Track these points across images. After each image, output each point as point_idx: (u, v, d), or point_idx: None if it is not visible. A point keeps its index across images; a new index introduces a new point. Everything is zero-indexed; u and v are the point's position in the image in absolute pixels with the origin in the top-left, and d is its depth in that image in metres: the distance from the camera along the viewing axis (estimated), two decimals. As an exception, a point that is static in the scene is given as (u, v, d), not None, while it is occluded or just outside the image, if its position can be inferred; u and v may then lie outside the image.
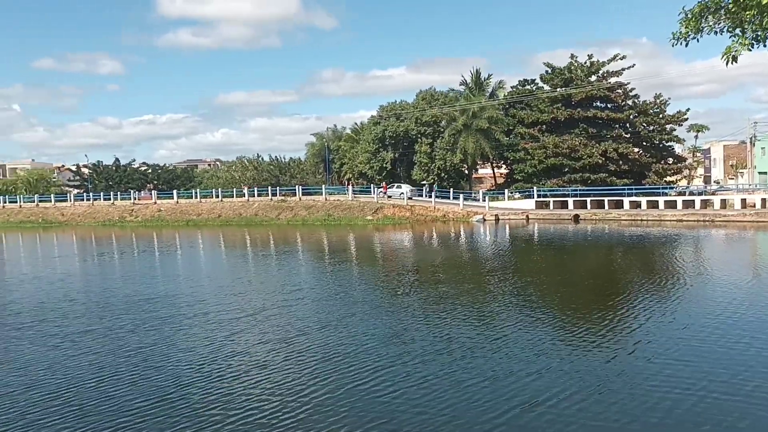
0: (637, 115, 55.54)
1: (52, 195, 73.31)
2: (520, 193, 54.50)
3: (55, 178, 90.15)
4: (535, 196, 50.47)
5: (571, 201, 48.21)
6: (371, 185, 56.55)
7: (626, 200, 46.87)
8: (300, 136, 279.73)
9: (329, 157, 68.67)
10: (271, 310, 14.59)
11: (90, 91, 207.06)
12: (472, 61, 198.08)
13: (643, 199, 46.31)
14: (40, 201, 70.36)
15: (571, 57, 56.35)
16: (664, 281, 17.63)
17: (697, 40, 8.75)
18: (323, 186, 59.35)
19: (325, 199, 54.96)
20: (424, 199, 51.56)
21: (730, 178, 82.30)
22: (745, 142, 67.52)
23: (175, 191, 67.35)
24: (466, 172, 62.00)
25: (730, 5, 7.84)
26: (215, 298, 16.40)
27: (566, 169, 53.45)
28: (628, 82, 55.88)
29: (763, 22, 7.69)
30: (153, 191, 70.23)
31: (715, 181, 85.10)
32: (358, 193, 55.89)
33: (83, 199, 69.76)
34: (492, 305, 14.71)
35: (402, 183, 58.14)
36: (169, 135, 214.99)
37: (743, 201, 43.95)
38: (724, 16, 8.18)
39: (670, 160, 58.03)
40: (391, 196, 54.18)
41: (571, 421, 7.46)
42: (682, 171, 60.73)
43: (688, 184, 60.22)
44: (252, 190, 60.58)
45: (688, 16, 8.41)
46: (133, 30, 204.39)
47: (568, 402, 8.04)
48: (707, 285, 17.09)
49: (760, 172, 63.72)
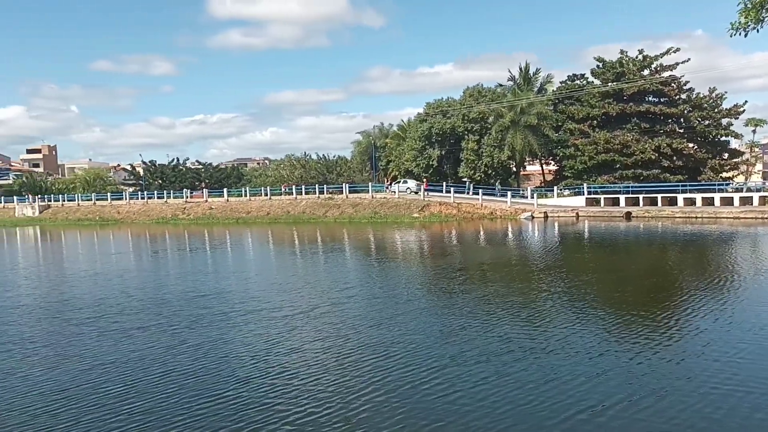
0: (692, 109, 53.84)
1: (109, 193, 75.64)
2: (569, 189, 53.60)
3: (111, 177, 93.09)
4: (586, 192, 49.54)
5: (622, 198, 47.19)
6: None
7: (680, 197, 45.57)
8: (347, 135, 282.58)
9: (376, 155, 68.84)
10: (323, 307, 14.66)
11: (144, 92, 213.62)
12: (520, 57, 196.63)
13: (698, 196, 44.95)
14: (97, 199, 72.78)
15: (621, 53, 55.15)
16: (724, 280, 17.03)
17: (757, 31, 8.48)
18: (369, 184, 59.62)
19: (372, 197, 55.20)
20: (471, 197, 51.23)
21: (791, 174, 79.15)
22: (808, 136, 64.76)
23: (225, 190, 68.68)
24: (514, 168, 61.33)
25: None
26: (268, 295, 16.61)
27: (618, 166, 52.26)
28: (682, 76, 54.27)
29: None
30: (204, 190, 71.79)
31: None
32: (405, 191, 55.89)
33: (138, 198, 71.79)
34: (546, 304, 14.46)
35: (408, 179, 59.52)
36: (219, 134, 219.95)
37: (805, 197, 42.26)
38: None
39: (726, 156, 56.10)
40: (395, 192, 55.51)
41: (642, 427, 7.24)
42: (739, 167, 58.67)
43: (746, 181, 58.04)
44: (291, 189, 61.71)
45: (748, 6, 8.16)
46: (186, 31, 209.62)
47: (635, 406, 7.79)
48: (772, 285, 16.50)
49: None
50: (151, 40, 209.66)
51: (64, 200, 75.16)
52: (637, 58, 54.34)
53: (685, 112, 53.59)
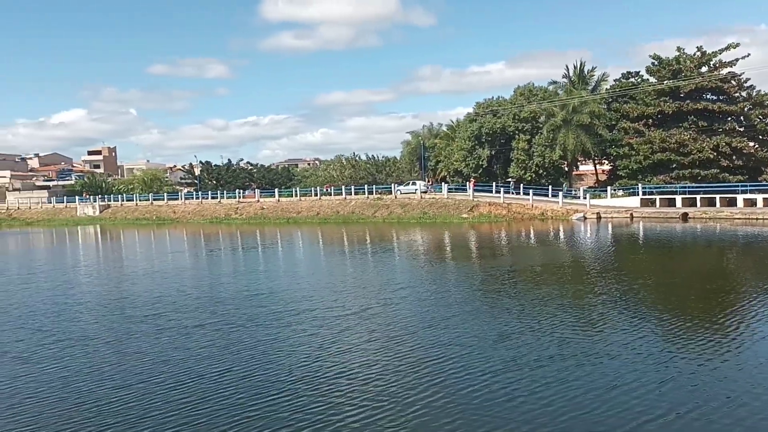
0: (753, 107, 51.82)
1: (165, 194, 77.78)
2: (623, 190, 52.39)
3: (167, 178, 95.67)
4: (640, 193, 48.32)
5: (679, 198, 45.84)
6: (466, 183, 56.24)
7: (740, 198, 43.90)
8: (396, 135, 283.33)
9: (425, 155, 68.75)
10: (376, 308, 14.70)
11: (199, 95, 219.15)
12: (573, 54, 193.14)
13: (759, 197, 43.16)
14: (154, 199, 74.95)
15: (678, 50, 53.61)
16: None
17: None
18: (432, 184, 59.59)
19: (420, 197, 55.17)
20: (521, 197, 50.63)
21: None
22: None
23: (276, 190, 69.75)
24: (566, 168, 60.35)
25: None
26: (320, 295, 16.74)
27: (674, 165, 50.81)
28: (743, 72, 52.42)
29: None
30: (256, 190, 73.10)
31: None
32: (453, 191, 55.73)
33: (193, 198, 73.61)
34: (602, 308, 14.10)
35: (416, 180, 61.94)
36: (271, 135, 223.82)
37: None
38: None
39: (790, 155, 53.88)
40: (402, 192, 57.57)
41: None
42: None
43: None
44: (332, 190, 62.56)
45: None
46: (239, 34, 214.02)
47: (709, 415, 7.53)
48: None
49: None
50: (206, 44, 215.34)
51: (123, 200, 77.69)
52: (695, 54, 52.73)
53: (746, 109, 51.65)
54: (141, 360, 10.77)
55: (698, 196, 44.98)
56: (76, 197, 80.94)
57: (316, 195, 63.29)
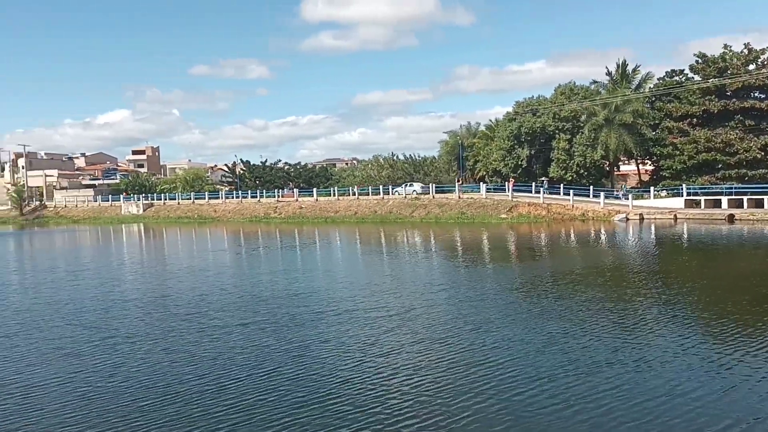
0: (804, 105, 50.26)
1: (206, 193, 79.12)
2: (667, 190, 51.26)
3: (208, 177, 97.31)
4: (684, 194, 47.24)
5: (725, 199, 44.68)
6: (505, 183, 55.78)
7: (790, 199, 42.65)
8: (434, 134, 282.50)
9: (463, 155, 68.42)
10: (418, 309, 14.60)
11: (240, 95, 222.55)
12: (615, 53, 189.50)
13: (811, 199, 41.90)
14: (196, 198, 76.30)
15: (725, 47, 52.22)
16: None
17: None
18: (456, 184, 59.38)
19: (459, 197, 54.93)
20: (561, 197, 49.97)
21: None
22: None
23: (314, 189, 70.29)
24: (608, 168, 59.35)
25: None
26: (361, 295, 16.74)
27: (719, 165, 49.56)
28: (794, 70, 50.78)
29: None
30: (295, 189, 73.83)
31: None
32: (492, 191, 55.34)
33: (233, 197, 74.68)
34: (651, 313, 13.70)
35: (414, 182, 64.07)
36: (310, 135, 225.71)
37: None
38: None
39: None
40: (400, 193, 59.85)
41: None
42: None
43: None
44: (360, 190, 63.81)
45: None
46: (279, 35, 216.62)
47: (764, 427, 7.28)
48: None
49: None
50: (247, 45, 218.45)
51: (166, 199, 79.35)
52: (741, 52, 51.31)
53: (796, 108, 50.06)
54: (188, 359, 10.89)
55: (745, 197, 43.78)
56: (121, 196, 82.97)
57: (353, 194, 63.60)
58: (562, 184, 51.79)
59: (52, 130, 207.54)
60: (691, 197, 46.81)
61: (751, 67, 50.79)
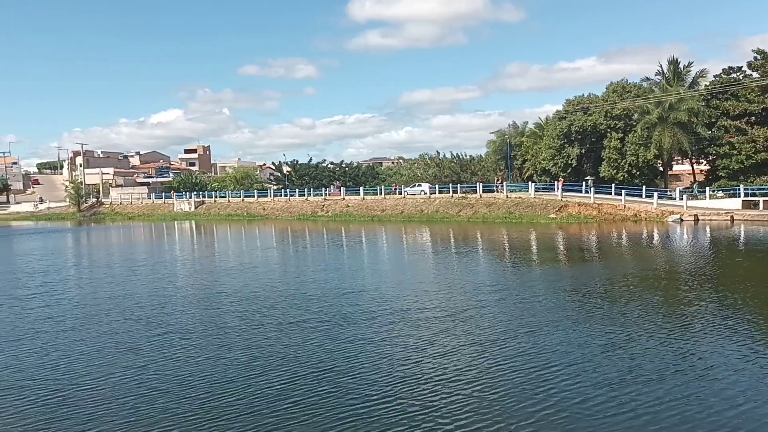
0: None
1: (255, 191, 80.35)
2: (723, 191, 49.57)
3: (257, 176, 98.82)
4: (742, 194, 45.65)
5: (785, 201, 43.05)
6: (554, 182, 54.94)
7: None
8: (481, 133, 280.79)
9: (511, 154, 67.66)
10: (471, 310, 14.44)
11: (288, 95, 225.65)
12: (669, 49, 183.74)
13: None
14: (245, 196, 77.59)
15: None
16: None
17: None
18: (504, 183, 58.74)
19: (506, 196, 54.37)
20: (612, 197, 48.92)
21: None
22: None
23: (361, 188, 70.61)
24: (661, 168, 57.81)
25: None
26: (412, 295, 16.64)
27: (780, 166, 47.81)
28: None
29: None
30: (341, 188, 74.25)
31: None
32: (541, 191, 54.60)
33: (281, 195, 75.66)
34: (713, 318, 13.19)
35: (423, 182, 65.89)
36: (356, 134, 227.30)
37: None
38: None
39: None
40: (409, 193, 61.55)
41: None
42: None
43: None
44: (400, 189, 63.33)
45: None
46: (326, 35, 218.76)
47: None
48: None
49: None
50: (295, 45, 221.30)
51: (216, 197, 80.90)
52: (805, 46, 49.34)
53: None
54: (242, 355, 11.01)
55: (808, 198, 42.04)
56: (174, 193, 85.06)
57: (399, 194, 63.65)
58: (613, 184, 50.69)
59: (108, 130, 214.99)
60: (749, 198, 45.16)
61: (816, 63, 48.78)
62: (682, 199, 46.45)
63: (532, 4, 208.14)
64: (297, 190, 75.68)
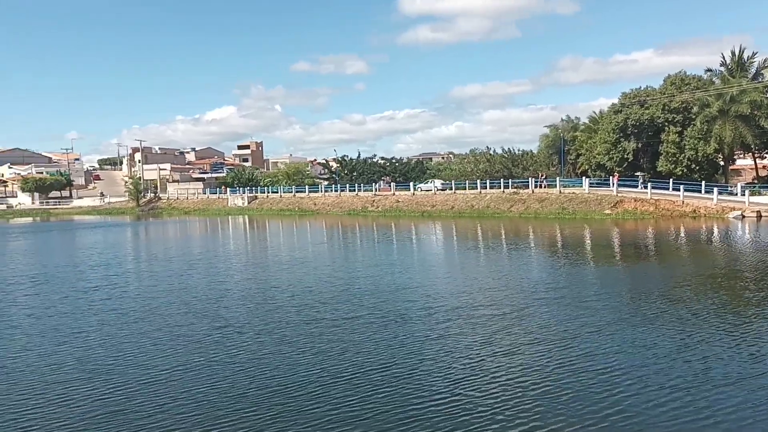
0: None
1: (306, 186, 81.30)
2: (789, 186, 47.66)
3: (308, 171, 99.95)
4: (810, 190, 43.74)
5: None
6: (609, 177, 53.70)
7: None
8: (533, 128, 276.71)
9: (564, 148, 66.47)
10: (529, 308, 14.18)
11: (339, 91, 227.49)
12: (730, 40, 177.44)
13: None
14: (297, 192, 78.58)
15: None
16: None
17: None
18: (557, 178, 57.79)
19: (559, 192, 53.41)
20: (670, 192, 47.48)
21: None
22: None
23: (411, 183, 70.57)
24: (722, 163, 55.84)
25: None
26: (468, 292, 16.46)
27: None
28: None
29: None
30: (392, 183, 74.36)
31: None
32: (595, 186, 53.46)
33: (331, 190, 76.32)
34: None
35: (435, 179, 68.99)
36: (406, 129, 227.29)
37: None
38: None
39: None
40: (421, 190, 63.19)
41: None
42: None
43: None
44: (444, 185, 63.91)
45: None
46: (377, 30, 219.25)
47: None
48: None
49: None
50: (346, 41, 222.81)
51: (269, 192, 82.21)
52: None
53: None
54: (303, 351, 11.09)
55: None
56: (228, 189, 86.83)
57: (450, 189, 63.32)
58: (671, 179, 49.23)
59: (165, 126, 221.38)
60: (818, 194, 43.26)
61: None
62: (744, 195, 44.73)
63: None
64: (347, 185, 76.16)
